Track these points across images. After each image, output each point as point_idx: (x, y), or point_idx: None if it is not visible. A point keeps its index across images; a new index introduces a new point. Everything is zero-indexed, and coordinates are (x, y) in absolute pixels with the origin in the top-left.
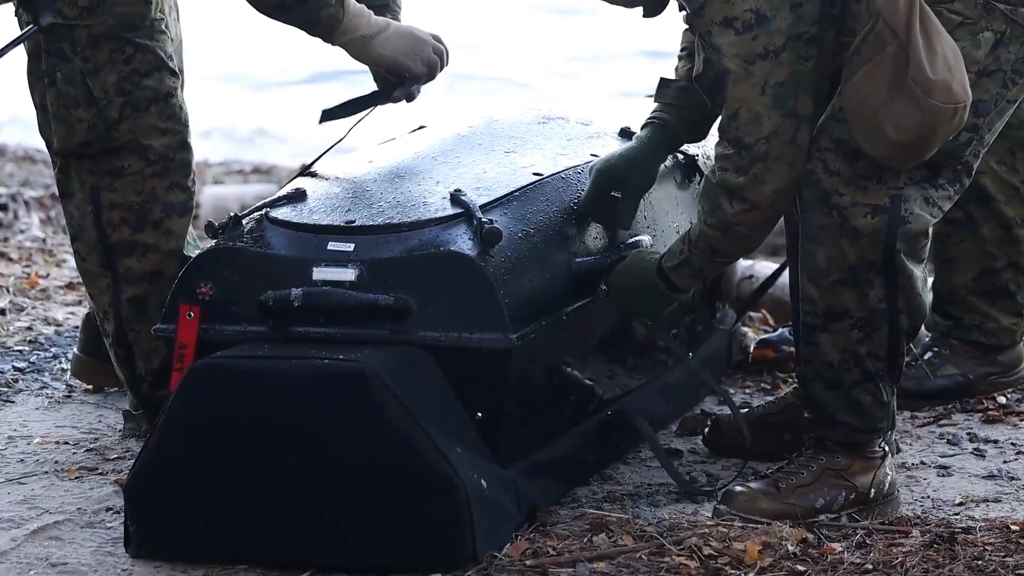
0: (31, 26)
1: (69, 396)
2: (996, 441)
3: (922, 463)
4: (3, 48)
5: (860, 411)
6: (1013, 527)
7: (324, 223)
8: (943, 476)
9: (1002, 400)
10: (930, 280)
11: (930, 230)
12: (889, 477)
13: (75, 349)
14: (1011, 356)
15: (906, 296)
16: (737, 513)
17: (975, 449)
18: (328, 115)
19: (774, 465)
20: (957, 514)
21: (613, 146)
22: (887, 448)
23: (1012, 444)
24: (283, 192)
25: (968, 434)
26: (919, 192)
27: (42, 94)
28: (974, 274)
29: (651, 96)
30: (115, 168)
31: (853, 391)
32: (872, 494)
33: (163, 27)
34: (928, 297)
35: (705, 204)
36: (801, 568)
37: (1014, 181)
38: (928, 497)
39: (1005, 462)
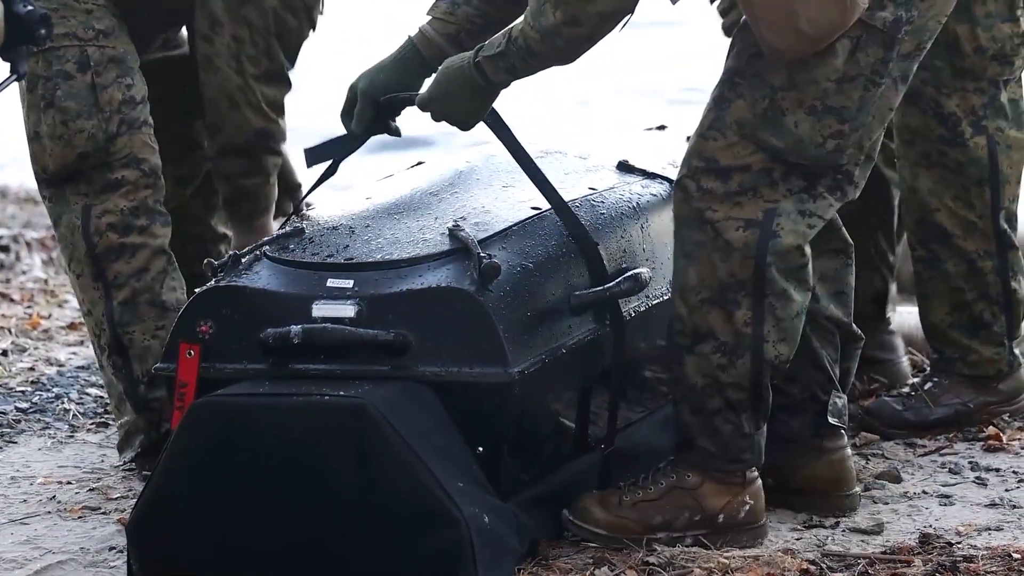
0: (12, 76)
1: (72, 436)
2: (998, 469)
3: (924, 492)
4: None
5: (720, 439)
6: (1015, 555)
7: (323, 260)
8: (945, 505)
9: (1002, 427)
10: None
11: (806, 246)
12: (748, 507)
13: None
14: (1011, 385)
15: (776, 320)
16: (572, 521)
17: (977, 478)
18: (314, 156)
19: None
20: (959, 543)
21: (611, 179)
22: (749, 475)
23: (1014, 472)
24: (282, 230)
25: (970, 463)
26: (795, 205)
27: (36, 120)
28: (948, 309)
29: (650, 129)
30: (109, 182)
31: (714, 418)
32: (722, 519)
33: None
34: (800, 326)
35: (532, 4)
36: None
37: (971, 216)
38: (930, 526)
39: (1007, 490)
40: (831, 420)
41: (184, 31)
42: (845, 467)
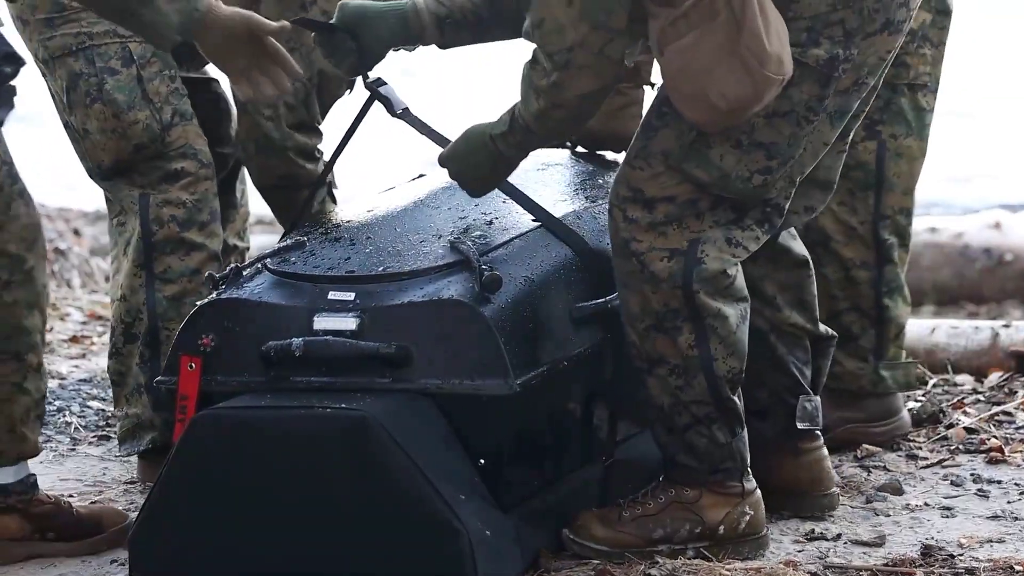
0: None
1: (73, 449)
2: (1000, 482)
3: (926, 504)
4: None
5: (697, 453)
6: (1017, 567)
7: (324, 273)
8: (947, 517)
9: (1005, 439)
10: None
11: (732, 269)
12: (748, 517)
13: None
14: (880, 407)
15: (719, 338)
16: (572, 539)
17: (979, 490)
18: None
19: None
20: (961, 555)
21: None
22: (747, 486)
23: (1016, 484)
24: (283, 243)
25: (972, 475)
26: (722, 233)
27: (83, 118)
28: (822, 317)
29: None
30: (168, 173)
31: (687, 434)
32: (722, 531)
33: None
34: (745, 336)
35: (521, 89)
36: None
37: (852, 222)
38: (932, 538)
39: (1009, 502)
40: (800, 425)
41: None
42: (822, 467)
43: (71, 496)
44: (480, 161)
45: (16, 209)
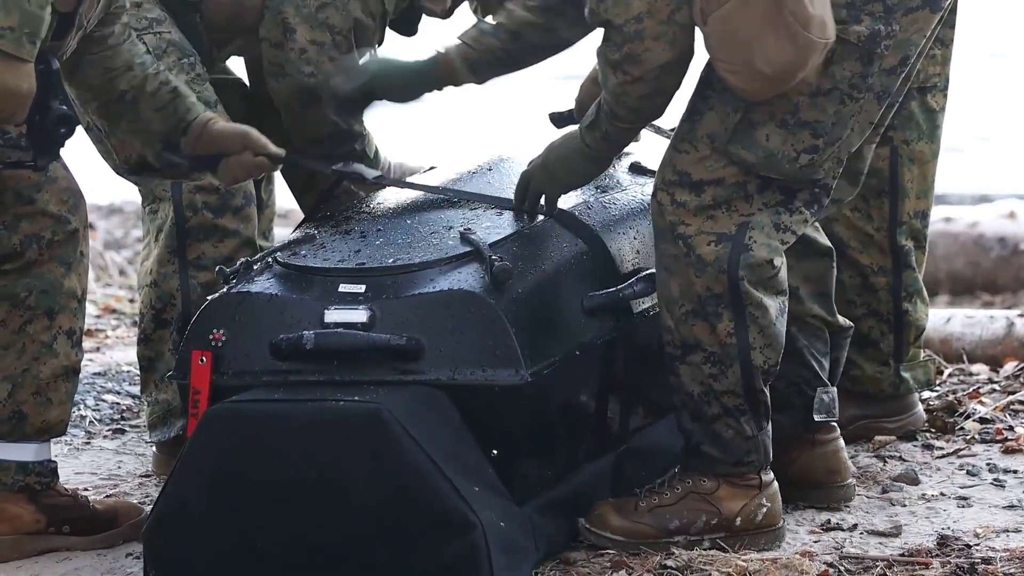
0: (31, 163)
1: (88, 443)
2: (1016, 471)
3: (942, 494)
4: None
5: (723, 444)
6: None
7: (335, 265)
8: (963, 507)
9: (1021, 430)
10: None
11: (777, 259)
12: (765, 509)
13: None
14: (895, 402)
15: (759, 328)
16: (589, 528)
17: (995, 480)
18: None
19: None
20: (977, 545)
21: (623, 181)
22: (765, 478)
23: None
24: (293, 236)
25: (988, 465)
26: (770, 218)
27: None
28: None
29: (661, 130)
30: None
31: (714, 424)
32: (739, 522)
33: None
34: (783, 328)
35: (599, 71)
36: None
37: (868, 228)
38: (948, 528)
39: None
40: (817, 417)
41: None
42: (838, 458)
43: (86, 490)
44: (568, 154)
45: (55, 171)
